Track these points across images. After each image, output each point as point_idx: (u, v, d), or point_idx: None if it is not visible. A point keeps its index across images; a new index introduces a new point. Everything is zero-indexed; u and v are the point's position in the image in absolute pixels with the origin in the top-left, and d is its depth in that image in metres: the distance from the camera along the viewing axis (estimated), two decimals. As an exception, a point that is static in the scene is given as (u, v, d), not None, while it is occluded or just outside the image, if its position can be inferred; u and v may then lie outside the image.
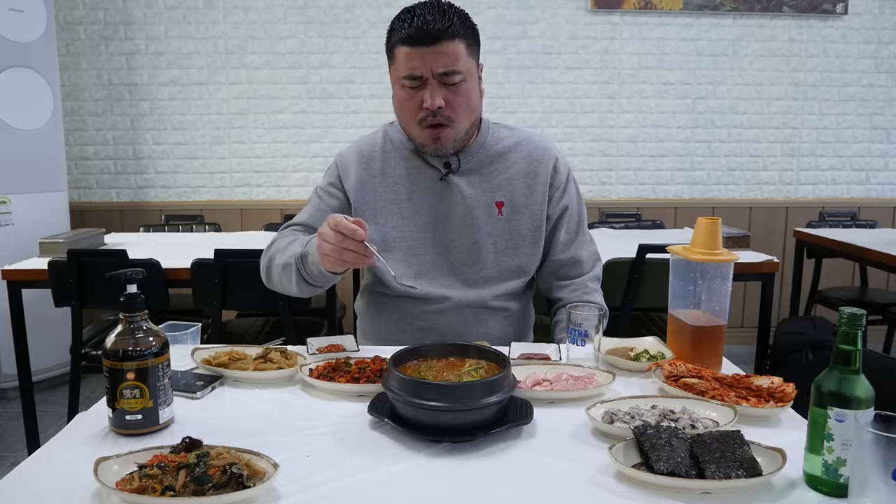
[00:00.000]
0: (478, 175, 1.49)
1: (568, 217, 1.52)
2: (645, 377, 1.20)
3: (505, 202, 1.48)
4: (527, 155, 1.51)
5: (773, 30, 3.97)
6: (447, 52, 1.34)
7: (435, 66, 1.34)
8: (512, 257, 1.49)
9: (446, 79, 1.36)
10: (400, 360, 1.05)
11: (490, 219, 1.47)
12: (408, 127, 1.44)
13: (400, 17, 1.37)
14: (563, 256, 1.52)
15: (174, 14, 3.83)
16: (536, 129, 3.92)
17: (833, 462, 0.80)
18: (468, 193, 1.47)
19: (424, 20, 1.33)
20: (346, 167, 1.52)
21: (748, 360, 3.40)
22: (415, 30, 1.33)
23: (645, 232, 3.20)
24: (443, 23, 1.33)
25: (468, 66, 1.38)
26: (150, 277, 2.17)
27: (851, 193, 4.15)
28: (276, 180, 3.99)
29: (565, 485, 0.83)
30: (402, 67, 1.36)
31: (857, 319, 0.81)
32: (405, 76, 1.37)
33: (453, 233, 1.48)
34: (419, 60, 1.34)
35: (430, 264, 1.48)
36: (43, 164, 3.34)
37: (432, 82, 1.35)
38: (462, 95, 1.39)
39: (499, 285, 1.49)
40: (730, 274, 1.20)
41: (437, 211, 1.48)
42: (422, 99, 1.37)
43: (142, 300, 0.98)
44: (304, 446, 0.93)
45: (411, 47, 1.34)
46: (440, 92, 1.36)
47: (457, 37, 1.34)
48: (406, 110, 1.41)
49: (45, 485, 0.83)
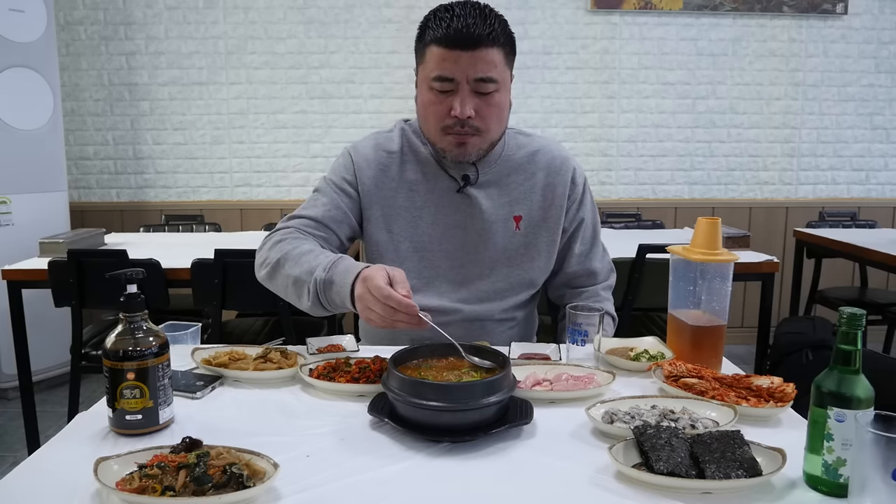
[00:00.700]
0: (496, 188, 1.42)
1: (583, 229, 1.49)
2: (645, 377, 1.20)
3: (523, 216, 1.43)
4: (545, 166, 1.45)
5: (773, 30, 3.97)
6: (486, 58, 1.26)
7: (471, 72, 1.26)
8: (525, 271, 1.45)
9: (481, 86, 1.28)
10: (400, 360, 1.05)
11: (507, 233, 1.42)
12: (429, 131, 1.37)
13: (437, 15, 1.28)
14: (578, 268, 1.51)
15: (174, 14, 3.83)
16: (536, 129, 3.93)
17: (833, 462, 0.80)
18: (486, 207, 1.41)
19: (465, 22, 1.24)
20: (361, 165, 1.43)
21: (748, 360, 3.40)
22: (454, 31, 1.25)
23: (645, 232, 3.20)
24: (484, 28, 1.25)
25: (503, 75, 1.31)
26: (150, 277, 2.17)
27: (851, 193, 4.16)
28: (276, 180, 3.99)
29: (565, 485, 0.83)
30: (433, 67, 1.28)
31: (857, 319, 0.81)
32: (436, 77, 1.28)
33: (469, 246, 1.42)
34: (454, 64, 1.26)
35: (442, 277, 1.42)
36: (43, 164, 3.34)
37: (465, 88, 1.27)
38: (494, 106, 1.31)
39: (508, 298, 1.45)
40: (730, 274, 1.20)
41: (453, 223, 1.41)
42: (451, 106, 1.28)
43: (142, 300, 0.98)
44: (304, 446, 0.93)
45: (447, 49, 1.26)
46: (472, 100, 1.28)
47: (496, 44, 1.27)
48: (431, 114, 1.33)
49: (45, 485, 0.83)
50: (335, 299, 1.20)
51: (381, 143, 1.45)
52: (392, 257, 1.41)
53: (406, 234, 1.41)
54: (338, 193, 1.42)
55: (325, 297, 1.22)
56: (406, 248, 1.41)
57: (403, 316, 1.07)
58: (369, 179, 1.42)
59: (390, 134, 1.46)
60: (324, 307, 1.24)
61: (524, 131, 1.51)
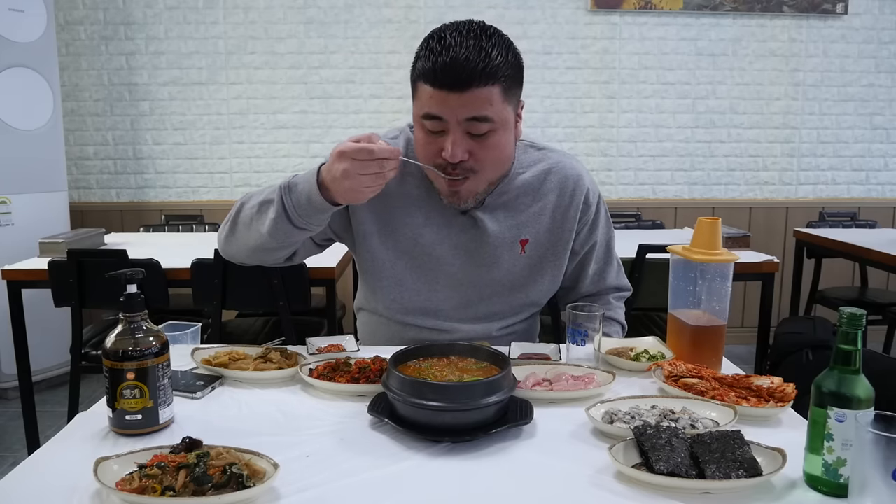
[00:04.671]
0: (503, 210, 1.33)
1: (597, 250, 1.44)
2: (645, 377, 1.20)
3: (530, 239, 1.35)
4: (557, 186, 1.35)
5: (773, 30, 3.97)
6: (478, 97, 1.13)
7: (461, 112, 1.14)
8: (528, 294, 1.39)
9: (474, 126, 1.16)
10: (400, 360, 1.05)
11: (512, 257, 1.35)
12: (427, 170, 1.26)
13: (428, 45, 1.15)
14: (592, 288, 1.48)
15: (174, 14, 3.83)
16: (536, 129, 3.93)
17: (833, 462, 0.80)
18: (493, 230, 1.32)
19: (454, 55, 1.10)
20: None
21: (748, 360, 3.40)
22: (441, 67, 1.11)
23: (645, 232, 3.20)
24: (477, 61, 1.10)
25: (502, 114, 1.17)
26: (150, 277, 2.17)
27: (851, 193, 4.15)
28: (276, 180, 3.97)
29: (565, 485, 0.83)
30: (423, 104, 1.17)
31: (857, 319, 0.81)
32: (424, 115, 1.17)
33: (471, 269, 1.35)
34: (442, 103, 1.14)
35: (443, 301, 1.36)
36: (43, 164, 3.34)
37: (456, 130, 1.16)
38: (490, 148, 1.19)
39: (508, 318, 1.41)
40: (730, 274, 1.20)
41: (455, 244, 1.34)
42: (441, 146, 1.18)
43: (142, 300, 0.97)
44: (304, 446, 0.93)
45: (434, 88, 1.13)
46: (464, 142, 1.17)
47: (491, 80, 1.12)
48: (423, 153, 1.23)
49: (45, 485, 0.83)
50: (301, 199, 1.15)
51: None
52: (389, 275, 1.36)
53: (405, 252, 1.35)
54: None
55: (290, 199, 1.16)
56: (404, 265, 1.35)
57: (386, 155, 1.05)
58: None
59: (394, 142, 1.36)
60: (291, 220, 1.18)
61: (537, 143, 1.40)
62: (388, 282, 1.37)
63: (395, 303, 1.38)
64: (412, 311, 1.38)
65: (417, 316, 1.38)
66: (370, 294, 1.41)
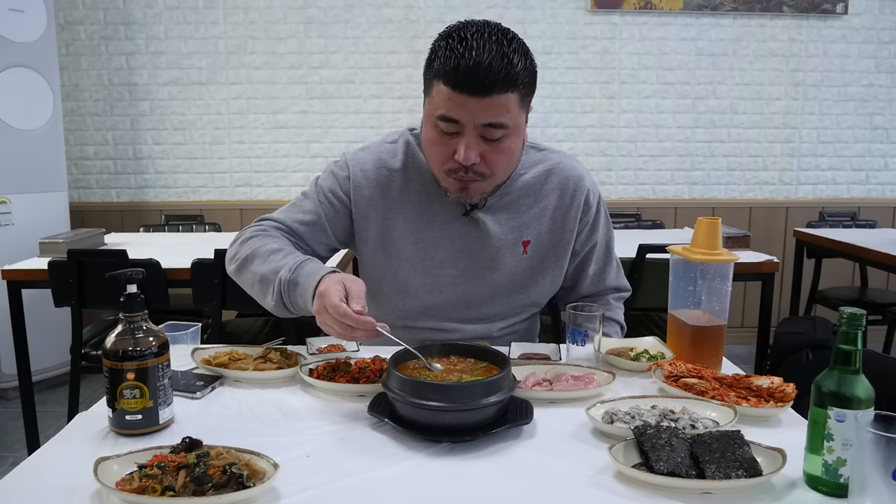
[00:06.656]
0: (505, 211, 1.34)
1: (597, 250, 1.45)
2: (645, 377, 1.20)
3: (531, 240, 1.36)
4: (558, 187, 1.36)
5: (773, 30, 3.97)
6: (498, 104, 1.13)
7: (479, 117, 1.14)
8: (529, 295, 1.40)
9: (489, 132, 1.16)
10: (400, 360, 1.05)
11: (514, 258, 1.36)
12: (433, 167, 1.27)
13: (448, 45, 1.12)
14: (591, 289, 1.49)
15: (174, 14, 3.83)
16: (536, 129, 3.93)
17: (833, 462, 0.80)
18: (494, 232, 1.33)
19: (477, 59, 1.09)
20: (359, 181, 1.33)
21: (748, 360, 3.40)
22: (464, 71, 1.10)
23: (645, 232, 3.21)
24: (499, 69, 1.10)
25: (516, 120, 1.18)
26: (150, 277, 2.17)
27: (851, 193, 4.15)
28: (276, 180, 3.99)
29: (565, 485, 0.83)
30: (439, 105, 1.16)
31: (857, 319, 0.81)
32: (440, 116, 1.16)
33: (474, 271, 1.35)
34: (460, 107, 1.13)
35: (443, 300, 1.37)
36: (43, 164, 3.34)
37: (471, 133, 1.16)
38: (502, 153, 1.20)
39: (509, 318, 1.42)
40: (730, 274, 1.20)
41: (457, 247, 1.34)
42: (454, 149, 1.17)
43: (142, 300, 0.97)
44: (304, 446, 0.93)
45: (453, 91, 1.12)
46: (478, 146, 1.17)
47: (511, 87, 1.13)
48: (434, 154, 1.23)
49: (45, 485, 0.83)
50: (298, 301, 1.18)
51: (383, 158, 1.35)
52: (392, 283, 1.37)
53: (407, 257, 1.35)
54: (324, 204, 1.34)
55: (288, 298, 1.19)
56: (406, 271, 1.35)
57: (361, 333, 1.05)
58: (365, 199, 1.34)
59: (394, 146, 1.36)
60: (287, 309, 1.21)
61: (538, 144, 1.41)
62: (391, 289, 1.38)
63: (398, 309, 1.39)
64: (414, 314, 1.39)
65: (419, 318, 1.39)
66: (371, 299, 1.40)
